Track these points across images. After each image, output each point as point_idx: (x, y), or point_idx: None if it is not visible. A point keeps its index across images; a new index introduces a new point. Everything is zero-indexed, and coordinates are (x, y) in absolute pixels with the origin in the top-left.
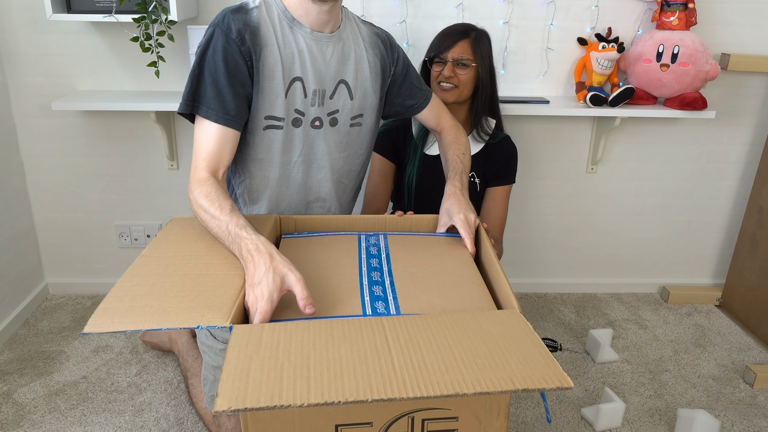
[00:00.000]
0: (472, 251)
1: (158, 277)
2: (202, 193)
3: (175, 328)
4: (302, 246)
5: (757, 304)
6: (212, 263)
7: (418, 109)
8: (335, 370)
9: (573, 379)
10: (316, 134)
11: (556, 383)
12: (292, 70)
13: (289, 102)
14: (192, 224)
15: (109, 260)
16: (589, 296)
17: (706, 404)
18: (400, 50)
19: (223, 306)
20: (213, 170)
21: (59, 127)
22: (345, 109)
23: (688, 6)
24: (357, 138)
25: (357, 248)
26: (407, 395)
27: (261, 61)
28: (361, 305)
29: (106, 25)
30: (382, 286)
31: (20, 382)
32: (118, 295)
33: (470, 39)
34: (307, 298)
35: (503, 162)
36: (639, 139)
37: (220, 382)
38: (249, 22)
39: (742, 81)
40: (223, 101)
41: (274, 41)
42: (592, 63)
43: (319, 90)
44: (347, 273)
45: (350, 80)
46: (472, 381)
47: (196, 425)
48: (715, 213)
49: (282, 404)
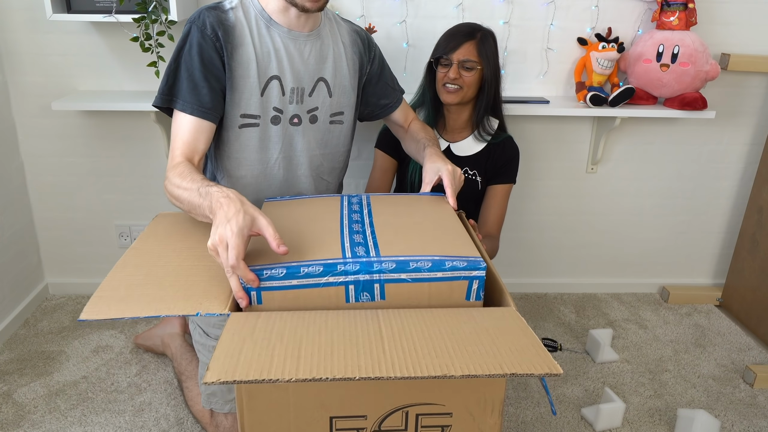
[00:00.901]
0: (453, 205)
1: (151, 267)
2: (176, 173)
3: (173, 315)
4: (284, 207)
5: (757, 304)
6: (205, 255)
7: (391, 108)
8: (326, 351)
9: (573, 379)
10: (295, 131)
11: (545, 369)
12: (268, 69)
13: (266, 100)
14: (179, 219)
15: (109, 260)
16: (589, 296)
17: (706, 404)
18: (377, 49)
19: (221, 294)
20: (188, 157)
21: (59, 127)
22: (324, 106)
23: (688, 6)
24: (338, 135)
25: (339, 206)
26: (395, 375)
27: (234, 59)
28: (341, 249)
29: (106, 25)
30: (363, 234)
31: (20, 382)
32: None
33: (476, 40)
34: (279, 239)
35: (505, 161)
36: (639, 139)
37: (211, 359)
38: (224, 20)
39: (742, 81)
40: (199, 94)
41: (250, 41)
42: (592, 63)
43: (297, 88)
44: (328, 226)
45: (329, 78)
46: (460, 365)
47: (195, 425)
48: (715, 213)
49: (271, 378)
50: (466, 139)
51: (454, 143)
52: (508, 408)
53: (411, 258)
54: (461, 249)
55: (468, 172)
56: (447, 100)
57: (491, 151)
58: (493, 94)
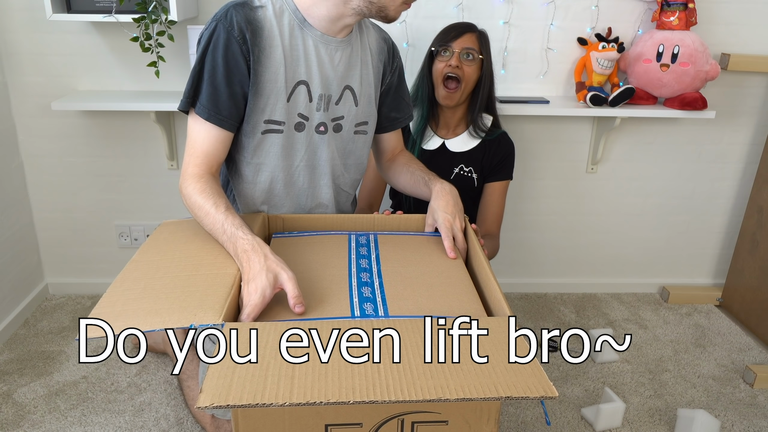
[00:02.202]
0: (451, 256)
1: (149, 280)
2: (197, 190)
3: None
4: (293, 246)
5: (757, 304)
6: (202, 263)
7: (400, 123)
8: (319, 371)
9: (573, 379)
10: (320, 139)
11: (541, 392)
12: (297, 73)
13: (292, 106)
14: (181, 227)
15: (108, 260)
16: (589, 296)
17: (706, 404)
18: (400, 61)
19: (215, 304)
20: (207, 166)
21: (59, 127)
22: (350, 115)
23: (688, 6)
24: (361, 146)
25: (347, 248)
26: (389, 398)
27: (261, 63)
28: (350, 307)
29: (106, 25)
30: (371, 287)
31: (20, 382)
32: (110, 300)
33: (476, 33)
34: (298, 297)
35: (501, 158)
36: (639, 139)
37: (205, 379)
38: (252, 19)
39: (742, 81)
40: (218, 101)
41: (279, 42)
42: (592, 63)
43: (325, 95)
44: (336, 273)
45: (356, 86)
46: (456, 387)
47: (195, 425)
48: (715, 213)
49: (264, 402)
50: (460, 136)
51: (449, 139)
52: (508, 408)
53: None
54: (467, 308)
55: (464, 169)
56: (444, 103)
57: (486, 148)
58: (488, 91)
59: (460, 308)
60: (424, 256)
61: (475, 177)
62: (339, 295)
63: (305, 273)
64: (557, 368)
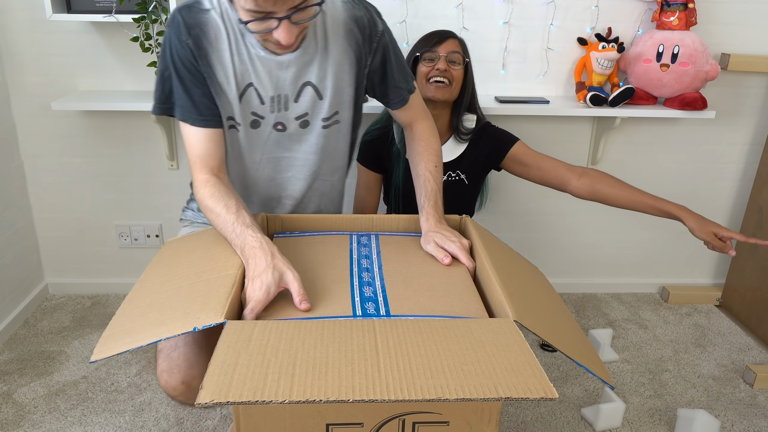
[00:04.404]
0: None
1: (155, 295)
2: (207, 195)
3: (174, 336)
4: (294, 245)
5: (757, 304)
6: (204, 270)
7: (394, 105)
8: (320, 369)
9: (573, 379)
10: (281, 136)
11: (541, 393)
12: (245, 77)
13: (245, 106)
14: (185, 243)
15: (108, 260)
16: (589, 296)
17: (706, 404)
18: (383, 38)
19: (217, 305)
20: (208, 169)
21: (59, 127)
22: (315, 110)
23: (688, 6)
24: (336, 136)
25: (348, 248)
26: (389, 398)
27: (212, 65)
28: (351, 306)
29: (106, 25)
30: (373, 286)
31: (20, 382)
32: (119, 321)
33: (458, 39)
34: (303, 295)
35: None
36: (639, 139)
37: (206, 375)
38: (200, 22)
39: (742, 81)
40: (194, 103)
41: (227, 46)
42: (592, 63)
43: (277, 96)
44: (338, 273)
45: (315, 80)
46: (456, 387)
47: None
48: (715, 213)
49: (264, 400)
50: (446, 144)
51: None
52: (508, 408)
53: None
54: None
55: (451, 176)
56: (436, 96)
57: (473, 145)
58: (471, 95)
59: (461, 308)
60: (426, 257)
61: (464, 177)
62: (341, 294)
63: (307, 272)
64: (557, 368)
